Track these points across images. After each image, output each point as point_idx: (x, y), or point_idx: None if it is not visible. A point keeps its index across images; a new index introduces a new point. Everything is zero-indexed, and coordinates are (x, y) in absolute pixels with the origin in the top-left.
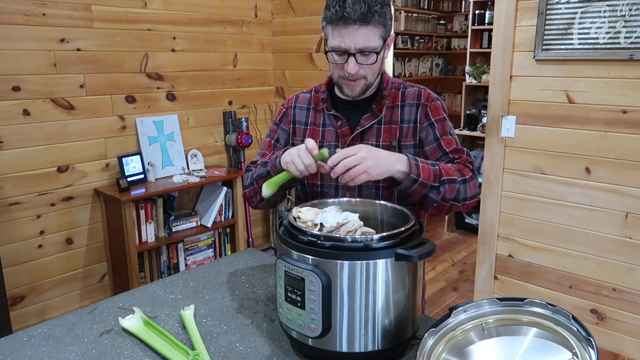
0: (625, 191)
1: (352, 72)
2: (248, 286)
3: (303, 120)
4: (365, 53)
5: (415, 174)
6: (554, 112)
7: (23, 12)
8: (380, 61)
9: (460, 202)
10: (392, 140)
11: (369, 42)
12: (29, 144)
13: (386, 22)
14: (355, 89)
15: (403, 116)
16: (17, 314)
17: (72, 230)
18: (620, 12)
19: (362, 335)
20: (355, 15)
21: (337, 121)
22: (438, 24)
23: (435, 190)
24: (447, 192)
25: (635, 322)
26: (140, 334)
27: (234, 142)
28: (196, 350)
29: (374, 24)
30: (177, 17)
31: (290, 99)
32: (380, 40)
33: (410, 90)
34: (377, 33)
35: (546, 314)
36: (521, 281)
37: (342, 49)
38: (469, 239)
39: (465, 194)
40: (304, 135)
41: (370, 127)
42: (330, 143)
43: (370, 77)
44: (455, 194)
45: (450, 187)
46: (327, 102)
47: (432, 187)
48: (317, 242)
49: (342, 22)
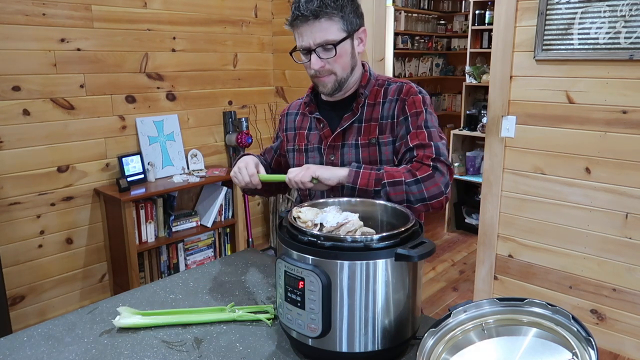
0: (625, 191)
1: (315, 67)
2: (248, 286)
3: (292, 126)
4: (326, 47)
5: (352, 182)
6: (554, 112)
7: (23, 12)
8: (349, 55)
9: (413, 203)
10: (372, 137)
11: (327, 35)
12: (29, 144)
13: (345, 14)
14: (326, 85)
15: (383, 112)
16: (17, 314)
17: (72, 230)
18: (620, 12)
19: (362, 335)
20: (308, 11)
21: (320, 124)
22: (438, 24)
23: (377, 194)
24: (392, 194)
25: (635, 322)
26: (149, 323)
27: (234, 142)
28: (232, 303)
29: (327, 17)
30: (177, 17)
31: (286, 107)
32: (341, 32)
33: (393, 86)
34: (334, 26)
35: (546, 314)
36: (521, 281)
37: (304, 48)
38: (469, 239)
39: (419, 195)
40: (293, 140)
41: (350, 126)
42: (314, 145)
43: (340, 72)
44: (405, 195)
45: (395, 189)
46: (310, 105)
47: (374, 191)
48: (317, 242)
49: (299, 21)
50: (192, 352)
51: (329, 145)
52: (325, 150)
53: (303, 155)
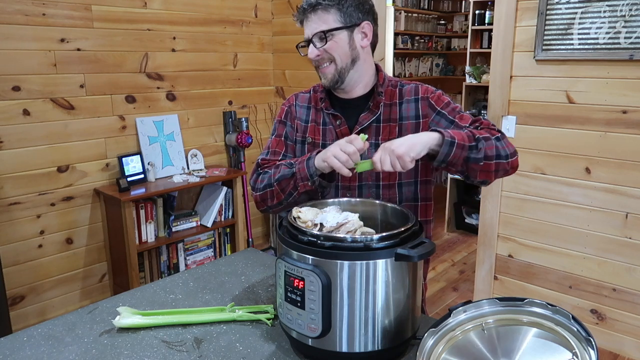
0: (625, 191)
1: (311, 56)
2: (248, 286)
3: (303, 118)
4: (320, 36)
5: (450, 137)
6: (554, 112)
7: (23, 12)
8: (346, 45)
9: (504, 158)
10: (392, 137)
11: (321, 25)
12: (29, 144)
13: (344, 7)
14: (327, 76)
15: (402, 113)
16: (17, 314)
17: (72, 230)
18: (620, 12)
19: (362, 335)
20: (307, 4)
21: (336, 120)
22: (438, 24)
23: (474, 149)
24: (487, 149)
25: (635, 322)
26: (149, 323)
27: (234, 142)
28: (232, 303)
29: (322, 9)
30: (177, 17)
31: (290, 98)
32: (337, 23)
33: (407, 87)
34: (331, 17)
35: (546, 314)
36: (521, 281)
37: (305, 40)
38: (469, 239)
39: (505, 150)
40: (303, 132)
41: (369, 126)
42: (331, 141)
43: (339, 61)
44: (495, 150)
45: (488, 144)
46: (326, 101)
47: (470, 147)
48: (317, 242)
49: (300, 14)
50: (192, 352)
51: None
52: None
53: (318, 149)
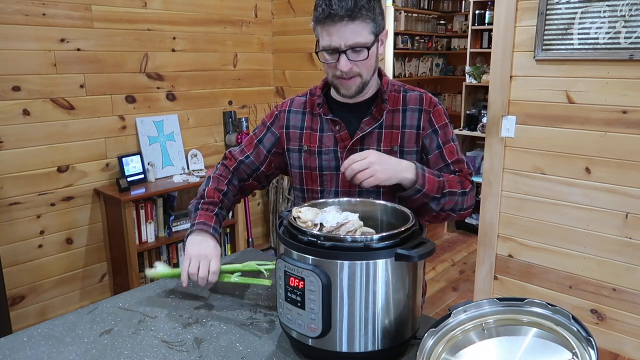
0: (625, 191)
1: (344, 69)
2: (248, 286)
3: (298, 125)
4: (356, 49)
5: (421, 185)
6: (554, 112)
7: (23, 12)
8: (374, 58)
9: (456, 212)
10: (394, 145)
11: (359, 37)
12: (29, 144)
13: (376, 16)
14: (350, 88)
15: (405, 121)
16: (17, 314)
17: (72, 230)
18: (620, 12)
19: (362, 335)
20: (342, 11)
21: (335, 126)
22: (438, 24)
23: (436, 201)
24: (447, 204)
25: (635, 322)
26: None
27: (234, 142)
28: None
29: (361, 19)
30: (177, 17)
31: (284, 103)
32: (371, 35)
33: (412, 94)
34: (366, 28)
35: (546, 314)
36: (521, 281)
37: (332, 48)
38: (469, 239)
39: (462, 205)
40: (300, 140)
41: (370, 132)
42: (329, 148)
43: (365, 74)
44: (454, 205)
45: (451, 199)
46: (324, 106)
47: (433, 197)
48: (317, 242)
49: (330, 20)
50: (192, 352)
51: (347, 149)
52: (345, 154)
53: (315, 157)
